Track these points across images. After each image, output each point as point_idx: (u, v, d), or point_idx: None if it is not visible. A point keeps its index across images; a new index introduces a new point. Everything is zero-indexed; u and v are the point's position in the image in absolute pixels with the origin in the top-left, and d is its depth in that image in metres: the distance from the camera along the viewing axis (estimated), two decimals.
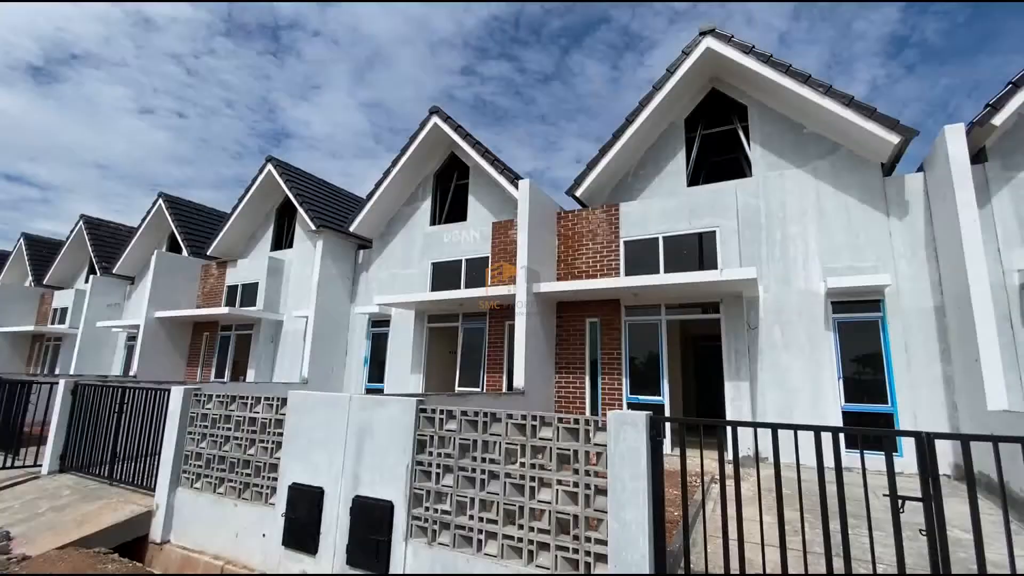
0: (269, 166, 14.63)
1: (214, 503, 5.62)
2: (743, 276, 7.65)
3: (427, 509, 4.29)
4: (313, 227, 13.05)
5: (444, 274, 11.61)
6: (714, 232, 9.03)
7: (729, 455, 6.90)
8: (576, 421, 3.84)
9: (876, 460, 3.88)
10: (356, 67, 68.59)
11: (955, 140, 7.26)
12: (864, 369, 8.16)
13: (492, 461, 4.11)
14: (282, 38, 61.46)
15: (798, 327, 8.53)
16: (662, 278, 8.41)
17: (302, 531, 4.82)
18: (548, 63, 68.99)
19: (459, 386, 10.92)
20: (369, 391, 12.42)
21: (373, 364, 12.89)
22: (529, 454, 3.96)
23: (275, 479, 5.23)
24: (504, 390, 9.99)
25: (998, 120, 7.30)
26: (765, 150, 9.48)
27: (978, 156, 7.81)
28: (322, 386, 12.27)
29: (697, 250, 9.20)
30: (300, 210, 13.60)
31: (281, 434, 5.31)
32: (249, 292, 14.63)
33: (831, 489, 2.83)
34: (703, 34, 9.41)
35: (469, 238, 11.39)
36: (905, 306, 8.00)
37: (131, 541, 5.77)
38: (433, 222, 12.91)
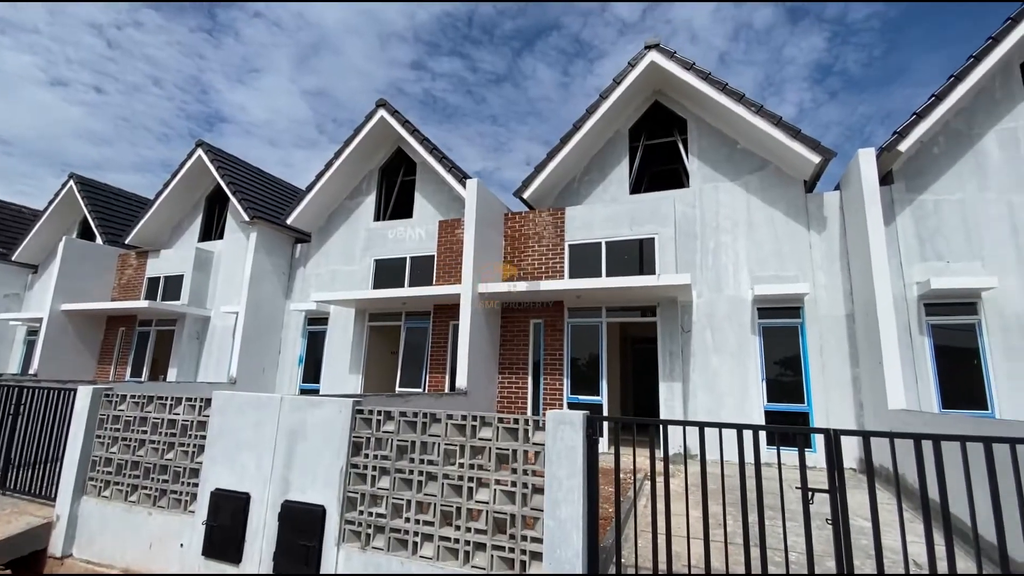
0: (199, 151, 13.70)
1: (125, 512, 5.18)
2: (679, 282, 8.00)
3: (361, 513, 4.17)
4: (247, 218, 12.35)
5: (387, 272, 11.35)
6: (653, 239, 9.40)
7: (661, 453, 7.20)
8: (516, 421, 3.87)
9: (795, 455, 4.17)
10: (300, 53, 65.76)
11: (867, 163, 7.97)
12: (785, 371, 8.77)
13: (430, 462, 4.06)
14: (219, 16, 57.79)
15: (727, 331, 9.04)
16: (605, 282, 8.66)
17: (225, 539, 4.54)
18: (500, 64, 69.27)
19: (400, 387, 10.70)
20: (304, 392, 11.92)
21: (309, 364, 12.38)
22: (468, 454, 3.94)
23: (196, 485, 4.89)
24: (447, 390, 9.90)
25: (904, 147, 8.08)
26: (702, 163, 9.98)
27: (886, 178, 8.61)
28: (252, 386, 11.64)
29: (637, 255, 9.53)
30: (233, 199, 12.83)
31: (204, 437, 4.98)
32: (173, 285, 13.62)
33: (754, 483, 3.01)
34: (648, 48, 9.78)
35: (415, 236, 11.20)
36: (821, 313, 8.68)
37: (27, 556, 5.21)
38: (377, 218, 12.59)
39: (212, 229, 14.65)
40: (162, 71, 58.44)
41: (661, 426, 3.27)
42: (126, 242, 14.67)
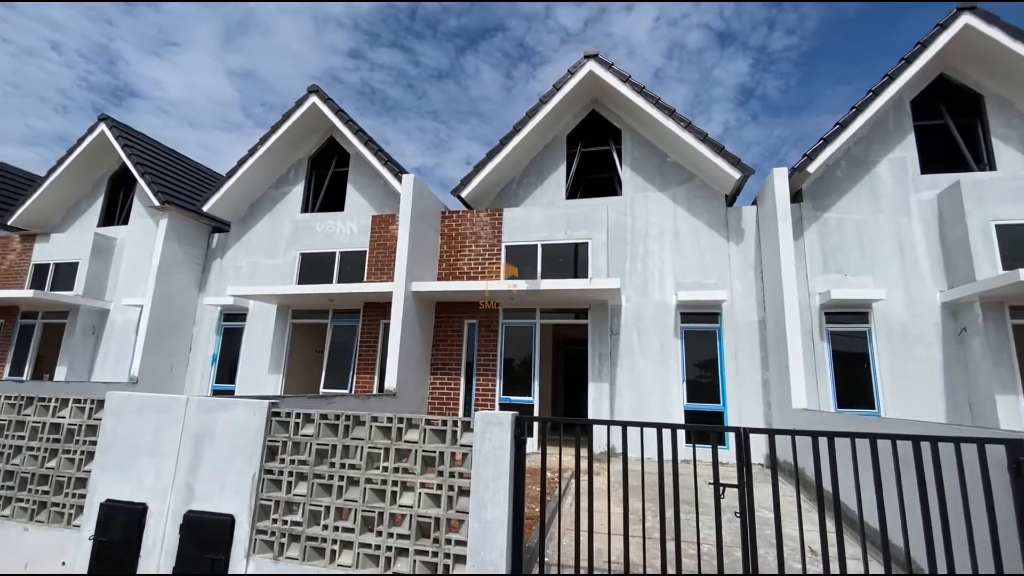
0: (103, 126, 12.39)
1: None
2: (610, 286, 8.27)
3: (275, 521, 3.91)
4: (156, 203, 11.31)
5: (314, 266, 10.80)
6: (587, 243, 9.64)
7: (591, 451, 7.39)
8: (444, 423, 3.79)
9: (712, 453, 4.39)
10: (226, 28, 61.40)
11: (780, 181, 8.65)
12: (703, 373, 9.30)
13: (352, 467, 3.88)
14: None
15: (653, 334, 9.45)
16: (540, 283, 8.75)
17: (116, 555, 4.09)
18: (443, 60, 68.49)
19: (325, 388, 10.22)
20: (217, 393, 11.09)
21: (224, 363, 11.54)
22: (393, 458, 3.81)
23: (83, 496, 4.37)
24: (375, 392, 9.58)
25: (812, 168, 8.84)
26: (634, 172, 10.38)
27: (797, 196, 9.38)
28: (157, 387, 10.66)
29: (572, 259, 9.74)
30: (141, 181, 11.70)
31: (95, 443, 4.47)
32: (65, 273, 12.20)
33: (671, 480, 3.13)
34: (587, 57, 10.04)
35: (345, 230, 10.75)
36: (737, 319, 9.29)
37: None
38: (305, 209, 11.98)
39: (116, 213, 13.30)
40: (63, 35, 52.39)
41: (587, 426, 3.33)
42: (8, 223, 12.97)
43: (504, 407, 9.31)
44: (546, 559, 3.98)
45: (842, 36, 57.14)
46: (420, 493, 3.69)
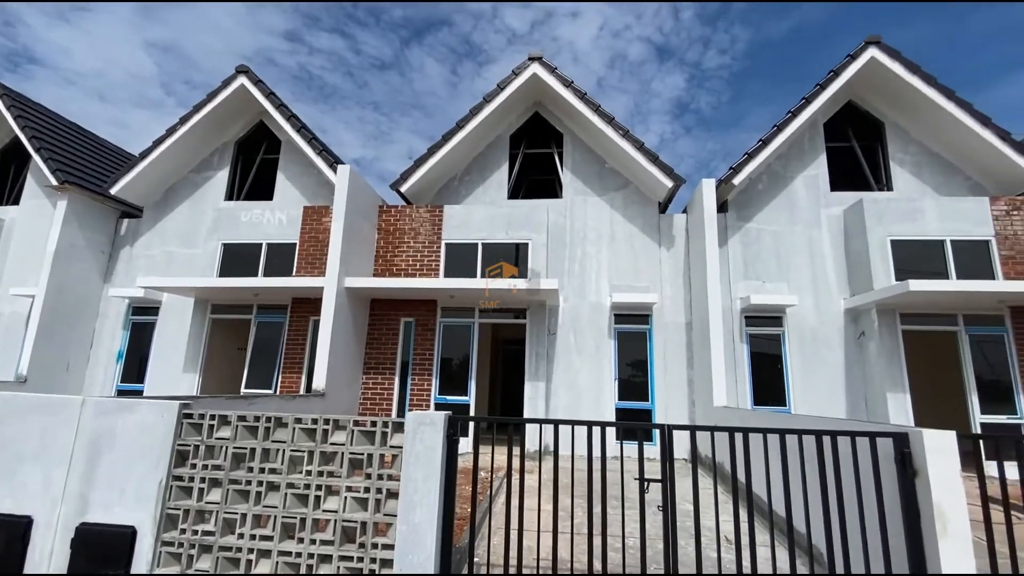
0: None
1: None
2: (549, 286, 8.38)
3: (184, 531, 3.62)
4: (54, 182, 10.15)
5: (238, 258, 10.12)
6: (527, 244, 9.72)
7: (527, 450, 7.44)
8: (373, 424, 3.66)
9: (643, 449, 4.54)
10: None
11: (708, 192, 9.15)
12: (634, 372, 9.65)
13: (273, 471, 3.66)
14: None
15: (588, 335, 9.69)
16: (480, 282, 8.71)
17: None
18: (387, 51, 66.70)
19: (247, 388, 9.60)
20: (122, 393, 10.13)
21: (131, 361, 10.56)
22: (317, 461, 3.63)
23: None
24: (302, 392, 9.13)
25: (737, 180, 9.42)
26: (574, 176, 10.59)
27: (723, 207, 9.96)
28: (50, 387, 9.58)
29: (512, 259, 9.77)
30: (36, 157, 10.46)
31: None
32: None
33: (610, 477, 3.20)
34: (532, 60, 10.12)
35: (274, 220, 10.16)
36: (666, 321, 9.72)
37: None
38: (230, 196, 11.22)
39: (4, 192, 11.81)
40: None
41: (519, 425, 3.35)
42: None
43: (440, 407, 9.18)
44: (477, 559, 3.96)
45: (769, 58, 61.57)
46: (346, 497, 3.54)
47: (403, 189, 10.14)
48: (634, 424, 3.34)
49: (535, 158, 11.38)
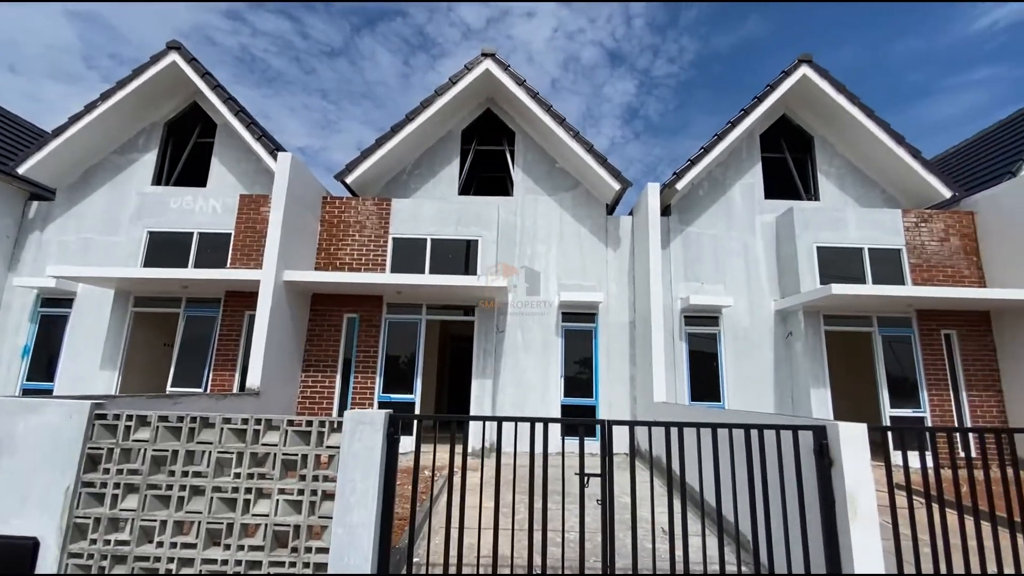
0: None
1: None
2: (498, 284, 8.37)
3: (94, 542, 3.33)
4: None
5: (165, 247, 9.42)
6: (477, 241, 9.66)
7: (471, 447, 7.42)
8: (309, 423, 3.51)
9: (589, 445, 4.64)
10: None
11: (653, 196, 9.45)
12: (580, 369, 9.83)
13: (197, 474, 3.43)
14: None
15: (536, 332, 9.77)
16: (428, 278, 8.55)
17: None
18: (337, 38, 64.30)
19: (173, 386, 8.96)
20: (28, 392, 9.22)
21: (40, 357, 9.61)
22: (248, 463, 3.43)
23: None
24: (235, 390, 8.65)
25: (680, 185, 9.78)
26: (526, 175, 10.64)
27: (666, 211, 10.32)
28: None
29: (462, 256, 9.69)
30: None
31: None
32: None
33: (553, 473, 3.23)
34: (485, 56, 10.06)
35: (207, 208, 9.54)
36: (611, 320, 9.97)
37: None
38: (158, 181, 10.45)
39: None
40: None
41: (463, 422, 3.32)
42: None
43: (384, 405, 8.96)
44: (417, 559, 3.89)
45: (714, 70, 64.44)
46: (278, 500, 3.37)
47: (349, 180, 9.81)
48: (575, 420, 3.39)
49: (487, 155, 11.34)
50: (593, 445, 8.43)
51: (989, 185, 10.03)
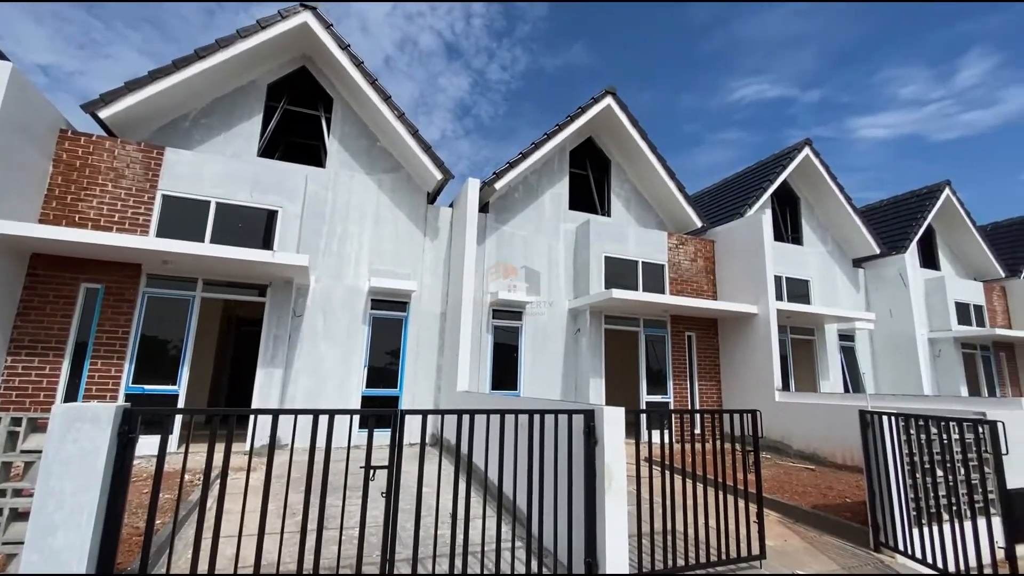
0: None
1: None
2: (297, 263, 7.52)
3: None
4: None
5: None
6: (277, 212, 8.57)
7: (258, 445, 6.49)
8: None
9: (384, 437, 4.39)
10: None
11: (473, 191, 9.66)
12: (386, 359, 9.52)
13: None
14: None
15: (340, 318, 9.13)
16: (209, 248, 7.22)
17: None
18: None
19: None
20: None
21: None
22: None
23: None
24: None
25: (498, 185, 10.19)
26: (342, 148, 9.86)
27: (485, 208, 10.66)
28: None
29: (260, 227, 8.48)
30: None
31: None
32: None
33: (335, 468, 2.95)
34: (304, 7, 8.99)
35: None
36: (423, 310, 9.89)
37: None
38: None
39: None
40: None
41: (230, 417, 2.83)
42: None
43: (135, 399, 7.29)
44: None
45: (542, 86, 69.54)
46: None
47: (104, 115, 7.72)
48: (365, 411, 3.19)
49: (298, 117, 10.17)
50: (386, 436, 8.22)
51: (724, 221, 12.85)
